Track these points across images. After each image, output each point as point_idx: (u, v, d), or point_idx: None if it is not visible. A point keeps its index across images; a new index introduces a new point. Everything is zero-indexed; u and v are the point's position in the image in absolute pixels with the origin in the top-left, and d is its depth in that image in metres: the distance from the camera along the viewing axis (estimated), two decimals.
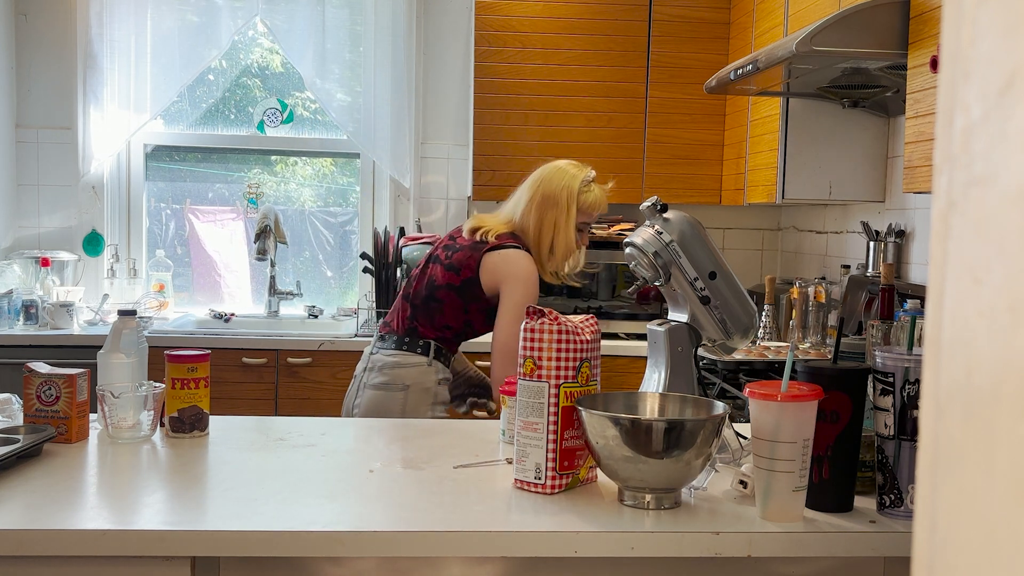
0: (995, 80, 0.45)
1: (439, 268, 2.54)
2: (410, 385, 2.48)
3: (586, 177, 2.51)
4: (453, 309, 2.49)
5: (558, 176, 2.50)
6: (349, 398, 2.59)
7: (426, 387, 2.48)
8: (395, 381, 2.49)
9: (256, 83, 4.33)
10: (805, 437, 1.44)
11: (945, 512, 0.48)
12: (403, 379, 2.49)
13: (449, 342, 2.55)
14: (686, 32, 3.91)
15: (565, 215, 2.47)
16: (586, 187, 2.50)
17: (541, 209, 2.48)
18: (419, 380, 2.48)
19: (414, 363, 2.49)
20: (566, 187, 2.48)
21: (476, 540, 1.40)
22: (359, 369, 2.60)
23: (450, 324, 2.51)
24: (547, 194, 2.48)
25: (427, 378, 2.49)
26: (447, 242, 2.59)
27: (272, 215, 4.06)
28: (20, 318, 3.73)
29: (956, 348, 0.48)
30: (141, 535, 1.36)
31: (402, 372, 2.49)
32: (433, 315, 2.51)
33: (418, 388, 2.48)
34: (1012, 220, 0.44)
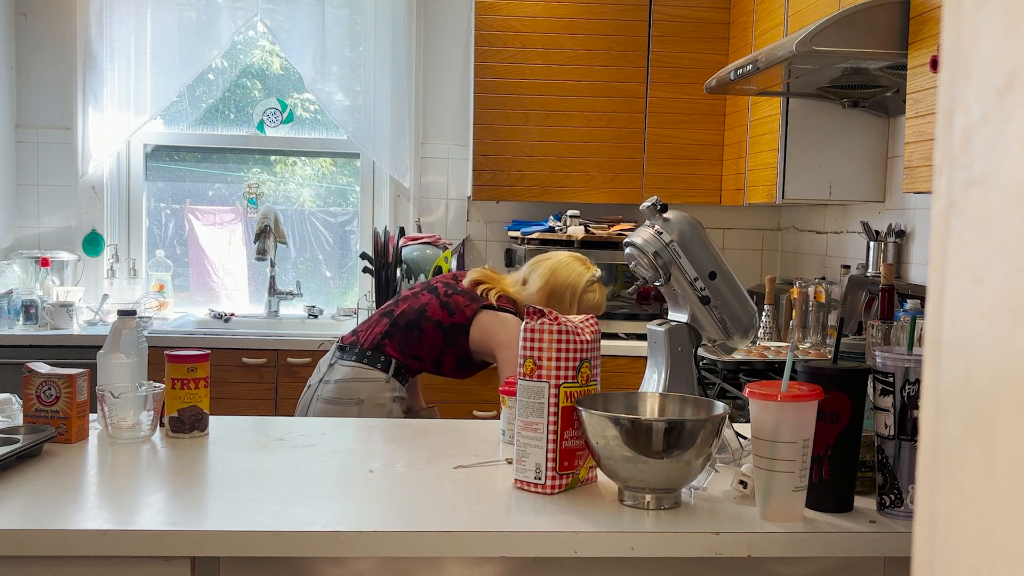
0: (995, 80, 0.45)
1: (435, 301, 2.57)
2: (364, 400, 2.49)
3: (592, 277, 2.58)
4: (431, 343, 2.53)
5: (565, 272, 2.57)
6: (301, 406, 2.60)
7: (380, 403, 2.49)
8: (349, 395, 2.51)
9: (256, 84, 4.33)
10: (805, 437, 1.44)
11: (945, 512, 0.48)
12: (358, 393, 2.50)
13: (411, 371, 2.57)
14: (686, 32, 3.91)
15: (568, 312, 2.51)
16: (590, 288, 2.57)
17: (548, 301, 2.54)
18: (374, 395, 2.49)
19: (372, 378, 2.51)
20: (571, 285, 2.55)
21: (476, 540, 1.39)
22: (313, 379, 2.61)
23: (421, 356, 2.54)
24: (554, 289, 2.55)
25: (382, 394, 2.50)
26: (449, 280, 2.64)
27: (272, 215, 4.06)
28: (20, 318, 3.73)
29: (956, 348, 0.48)
30: (141, 535, 1.36)
31: (357, 386, 2.51)
32: (409, 341, 2.54)
33: (372, 403, 2.49)
34: (1012, 220, 0.44)
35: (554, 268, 2.58)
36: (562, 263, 2.59)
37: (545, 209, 4.16)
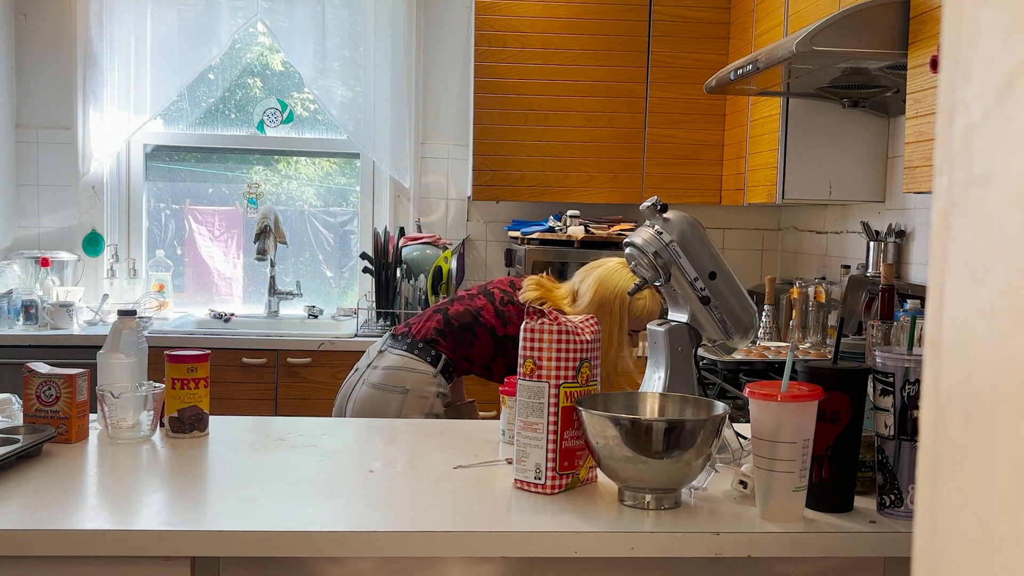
0: (995, 80, 0.45)
1: (491, 308, 2.55)
2: (410, 389, 2.48)
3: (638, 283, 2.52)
4: (483, 349, 2.52)
5: (613, 281, 2.48)
6: (345, 389, 2.59)
7: (424, 395, 2.48)
8: (396, 383, 2.49)
9: (256, 83, 4.33)
10: (805, 437, 1.44)
11: (945, 512, 0.48)
12: (404, 382, 2.49)
13: (460, 370, 2.56)
14: (686, 32, 3.91)
15: (618, 325, 2.46)
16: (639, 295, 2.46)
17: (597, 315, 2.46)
18: (419, 386, 2.48)
19: (420, 369, 2.50)
20: (620, 295, 2.47)
21: (476, 540, 1.39)
22: (362, 363, 2.60)
23: (472, 359, 2.53)
24: (603, 300, 2.46)
25: (428, 387, 2.49)
26: (506, 287, 2.61)
27: (272, 215, 4.06)
28: (20, 318, 3.73)
29: (956, 348, 0.48)
30: (141, 535, 1.36)
31: (405, 375, 2.49)
32: (462, 343, 2.53)
33: (416, 394, 2.48)
34: (1012, 220, 0.44)
35: (602, 278, 2.50)
36: (610, 270, 2.51)
37: (545, 209, 4.16)
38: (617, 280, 2.49)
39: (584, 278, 2.55)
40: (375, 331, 3.75)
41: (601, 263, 2.57)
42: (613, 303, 2.47)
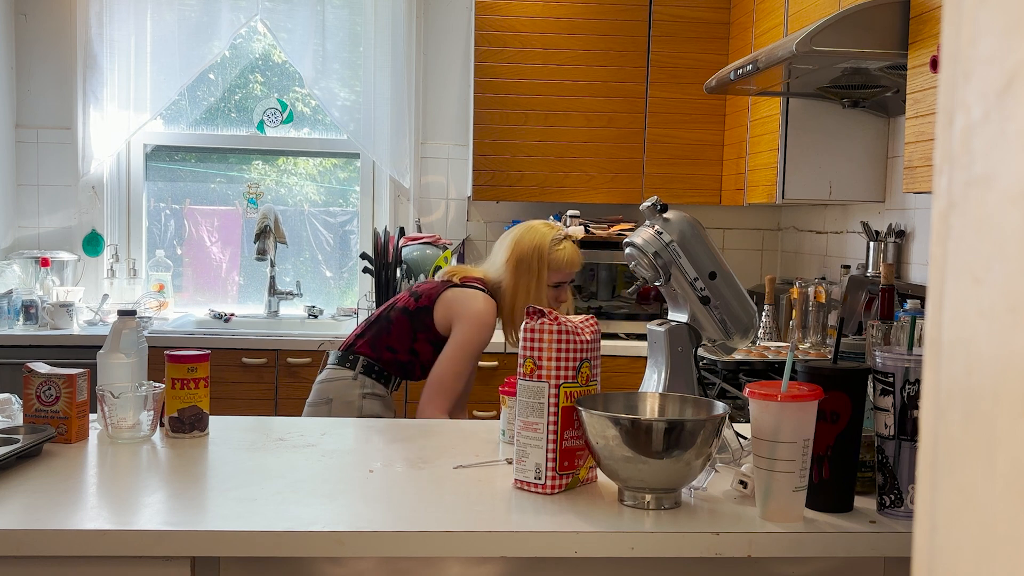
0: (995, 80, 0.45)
1: (405, 294, 2.57)
2: (333, 399, 2.48)
3: (556, 236, 2.52)
4: (400, 331, 2.50)
5: (529, 236, 2.51)
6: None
7: (348, 400, 2.47)
8: (322, 396, 2.51)
9: (256, 78, 4.33)
10: (805, 437, 1.44)
11: (945, 512, 0.48)
12: (327, 393, 2.50)
13: (389, 364, 2.51)
14: (686, 32, 3.91)
15: (536, 279, 2.48)
16: (557, 245, 2.50)
17: (515, 273, 2.49)
18: (342, 393, 2.47)
19: (340, 377, 2.50)
20: (536, 248, 2.48)
21: (476, 540, 1.40)
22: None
23: (393, 346, 2.50)
24: (520, 257, 2.48)
25: (350, 391, 2.48)
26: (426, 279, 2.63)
27: (272, 215, 4.06)
28: (20, 318, 3.73)
29: (956, 348, 0.48)
30: (141, 535, 1.36)
31: (327, 387, 2.51)
32: (380, 334, 2.52)
33: (340, 402, 2.47)
34: (1012, 220, 0.44)
35: (517, 236, 2.52)
36: (526, 227, 2.54)
37: (545, 209, 4.16)
38: (533, 235, 2.51)
39: (500, 242, 2.58)
40: None
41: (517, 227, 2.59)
42: (531, 257, 2.48)
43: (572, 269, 2.54)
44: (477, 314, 2.44)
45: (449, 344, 2.45)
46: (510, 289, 2.50)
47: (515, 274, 2.49)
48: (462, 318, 2.45)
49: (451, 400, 2.44)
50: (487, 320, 2.45)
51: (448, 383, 2.43)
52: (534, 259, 2.48)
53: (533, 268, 2.48)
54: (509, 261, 2.49)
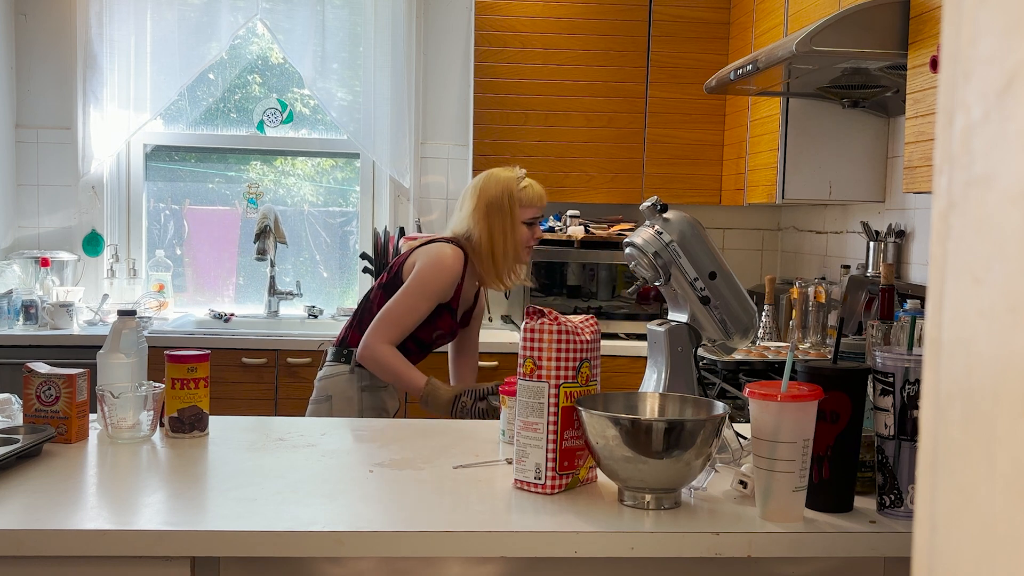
0: (995, 80, 0.45)
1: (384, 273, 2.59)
2: (332, 395, 2.49)
3: (519, 176, 2.54)
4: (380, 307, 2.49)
5: (494, 182, 2.52)
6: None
7: (348, 396, 2.48)
8: (322, 393, 2.52)
9: (256, 79, 4.33)
10: (805, 437, 1.44)
11: (945, 512, 0.48)
12: (327, 390, 2.51)
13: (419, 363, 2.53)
14: (686, 32, 3.91)
15: (510, 218, 2.49)
16: (522, 183, 2.52)
17: (487, 218, 2.49)
18: (341, 390, 2.49)
19: (337, 372, 2.51)
20: (505, 190, 2.50)
21: (476, 540, 1.39)
22: None
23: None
24: (489, 203, 2.49)
25: (349, 387, 2.49)
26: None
27: (272, 215, 4.06)
28: (20, 318, 3.73)
29: (956, 348, 0.48)
30: (141, 535, 1.36)
31: (327, 384, 2.52)
32: (363, 317, 2.53)
33: (341, 398, 2.48)
34: (1012, 220, 0.44)
35: (481, 184, 2.53)
36: (484, 176, 2.55)
37: (545, 209, 4.15)
38: (496, 179, 2.52)
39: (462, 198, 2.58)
40: None
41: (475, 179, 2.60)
42: (501, 198, 2.49)
43: (542, 204, 2.56)
44: (436, 255, 2.45)
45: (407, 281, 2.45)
46: (485, 235, 2.50)
47: (487, 219, 2.49)
48: (422, 260, 2.46)
49: (397, 335, 2.43)
50: (447, 262, 2.45)
51: (395, 315, 2.42)
52: (504, 200, 2.49)
53: (505, 208, 2.49)
54: (477, 209, 2.50)
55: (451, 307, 2.51)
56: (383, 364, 2.43)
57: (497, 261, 2.51)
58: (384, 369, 2.44)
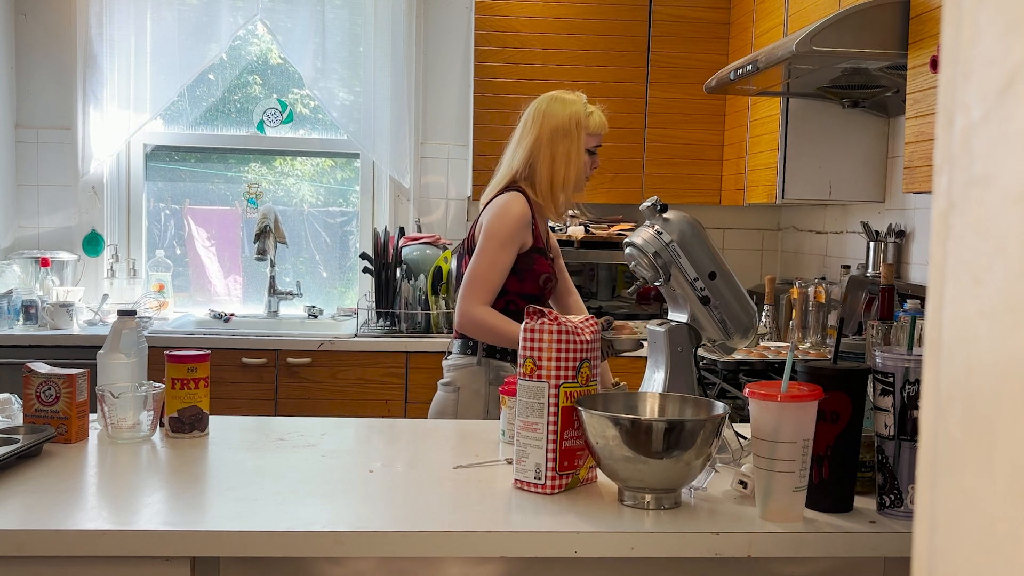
0: (995, 80, 0.45)
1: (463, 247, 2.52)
2: (460, 388, 2.40)
3: (585, 101, 2.47)
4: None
5: (559, 106, 2.43)
6: None
7: (475, 389, 2.39)
8: (452, 381, 2.43)
9: (256, 79, 4.33)
10: (805, 437, 1.44)
11: (945, 512, 0.48)
12: (456, 381, 2.41)
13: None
14: (686, 32, 3.91)
15: (575, 145, 2.41)
16: (589, 110, 2.45)
17: (552, 144, 2.41)
18: (468, 383, 2.39)
19: (464, 364, 2.41)
20: (573, 115, 2.41)
21: (476, 540, 1.40)
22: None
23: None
24: (555, 127, 2.41)
25: (476, 380, 2.38)
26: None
27: (272, 215, 4.06)
28: (20, 318, 3.73)
29: (956, 348, 0.48)
30: (141, 535, 1.36)
31: (456, 375, 2.42)
32: None
33: (468, 391, 2.39)
34: (1012, 220, 0.44)
35: (544, 109, 2.43)
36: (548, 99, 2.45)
37: None
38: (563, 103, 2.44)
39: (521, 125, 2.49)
40: (375, 331, 3.75)
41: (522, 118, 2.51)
42: (568, 123, 2.41)
43: (605, 132, 2.49)
44: (499, 205, 2.38)
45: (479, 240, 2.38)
46: (547, 162, 2.41)
47: (551, 145, 2.40)
48: (487, 216, 2.39)
49: (489, 292, 2.34)
50: (512, 207, 2.37)
51: (479, 273, 2.34)
52: (571, 125, 2.41)
53: (572, 133, 2.40)
54: (541, 135, 2.41)
55: (539, 248, 2.42)
56: (483, 325, 2.32)
57: (556, 188, 2.42)
58: (486, 330, 2.33)
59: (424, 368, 3.60)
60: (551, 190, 2.43)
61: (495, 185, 2.50)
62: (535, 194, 2.44)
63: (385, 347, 3.60)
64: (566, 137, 2.41)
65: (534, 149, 2.42)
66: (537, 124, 2.43)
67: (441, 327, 3.77)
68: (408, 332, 3.74)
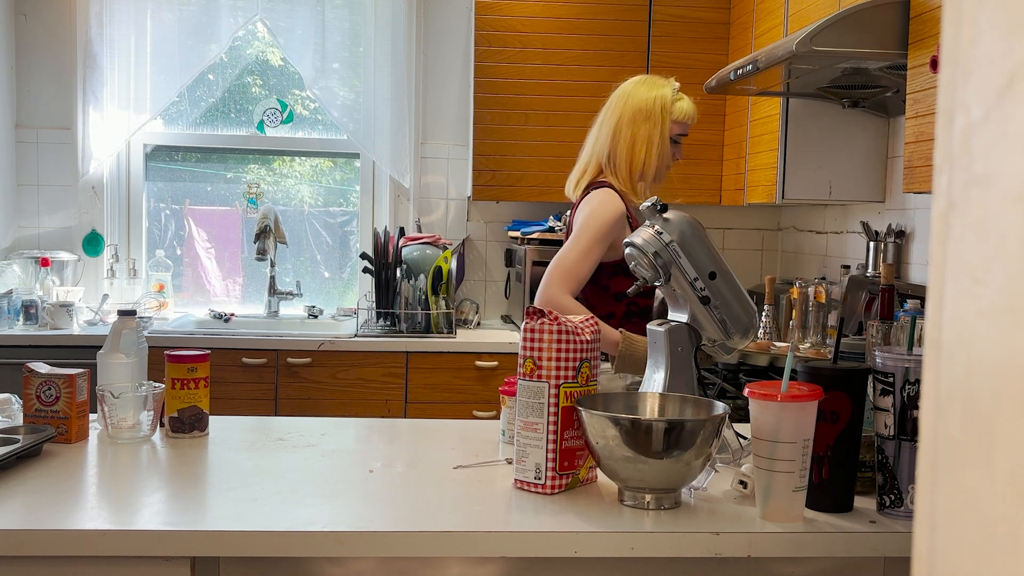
0: (995, 80, 0.45)
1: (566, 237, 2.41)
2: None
3: (675, 86, 2.37)
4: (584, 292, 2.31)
5: (645, 88, 2.34)
6: None
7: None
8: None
9: (256, 80, 4.33)
10: (805, 437, 1.44)
11: (945, 512, 0.48)
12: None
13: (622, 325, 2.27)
14: (686, 32, 3.91)
15: (659, 128, 2.32)
16: (678, 96, 2.36)
17: (633, 125, 2.32)
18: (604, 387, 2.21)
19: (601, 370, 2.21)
20: (659, 97, 2.33)
21: (476, 540, 1.40)
22: None
23: (593, 304, 2.31)
24: (638, 108, 2.32)
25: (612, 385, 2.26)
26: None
27: (272, 215, 4.06)
28: (20, 318, 3.73)
29: (956, 348, 0.48)
30: (141, 535, 1.36)
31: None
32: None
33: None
34: (1012, 220, 0.44)
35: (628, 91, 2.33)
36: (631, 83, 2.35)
37: (545, 209, 4.15)
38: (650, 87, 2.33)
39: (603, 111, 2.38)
40: (375, 331, 3.75)
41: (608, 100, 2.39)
42: (652, 106, 2.31)
43: (693, 122, 2.39)
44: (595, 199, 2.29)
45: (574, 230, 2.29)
46: (627, 145, 2.32)
47: (632, 126, 2.31)
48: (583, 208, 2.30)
49: (576, 282, 2.23)
50: (607, 201, 2.28)
51: (569, 262, 2.23)
52: (656, 108, 2.32)
53: (655, 116, 2.31)
54: (623, 119, 2.32)
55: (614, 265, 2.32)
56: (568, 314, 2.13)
57: (634, 174, 2.33)
58: None
59: (424, 368, 3.61)
60: (630, 175, 2.34)
61: (580, 171, 2.41)
62: (617, 180, 2.34)
63: (385, 347, 3.60)
64: (647, 120, 2.32)
65: (616, 131, 2.34)
66: (620, 105, 2.35)
67: (441, 327, 3.77)
68: (408, 332, 3.74)
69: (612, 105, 2.39)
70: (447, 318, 3.77)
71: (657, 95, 2.33)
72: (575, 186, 2.42)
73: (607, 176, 2.37)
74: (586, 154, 2.43)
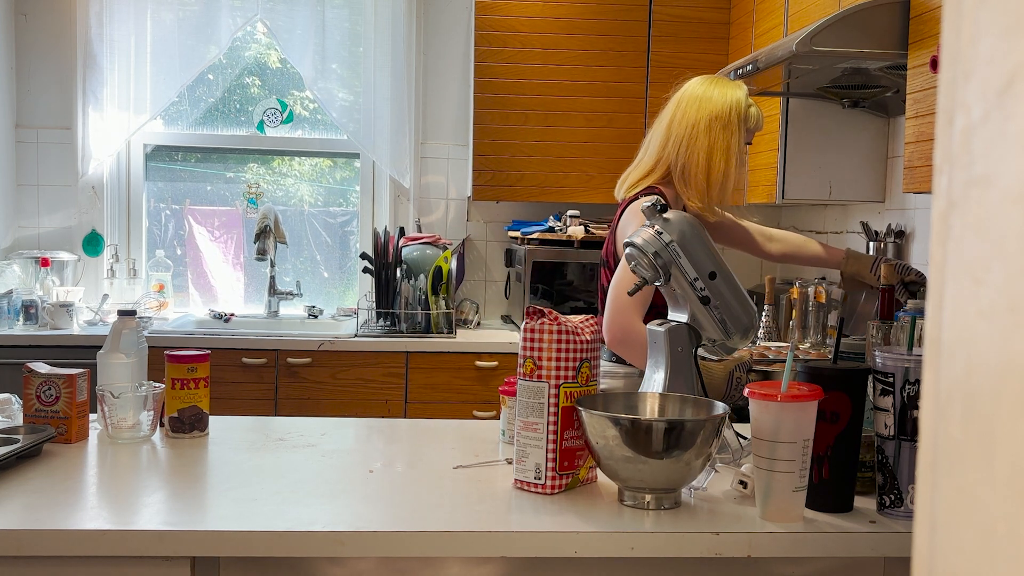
0: (995, 80, 0.45)
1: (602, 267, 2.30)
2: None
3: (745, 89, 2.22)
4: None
5: (720, 92, 2.17)
6: None
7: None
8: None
9: (255, 81, 4.33)
10: (805, 437, 1.44)
11: (945, 512, 0.48)
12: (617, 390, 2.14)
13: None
14: (686, 32, 3.91)
15: (737, 136, 2.15)
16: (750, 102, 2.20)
17: (710, 133, 2.13)
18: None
19: (627, 374, 2.17)
20: (735, 104, 2.15)
21: (476, 540, 1.40)
22: None
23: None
24: (715, 114, 2.13)
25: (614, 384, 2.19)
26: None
27: (272, 215, 4.06)
28: (20, 318, 3.73)
29: (956, 348, 0.48)
30: (141, 535, 1.36)
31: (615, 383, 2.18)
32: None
33: None
34: (1012, 220, 0.44)
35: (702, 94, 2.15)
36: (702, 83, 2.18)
37: (545, 209, 4.15)
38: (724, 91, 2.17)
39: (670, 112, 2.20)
40: (375, 331, 3.75)
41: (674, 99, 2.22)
42: (729, 113, 2.13)
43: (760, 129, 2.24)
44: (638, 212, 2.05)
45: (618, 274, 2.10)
46: (703, 153, 2.13)
47: (708, 134, 2.12)
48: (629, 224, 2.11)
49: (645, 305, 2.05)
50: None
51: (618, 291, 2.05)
52: (733, 115, 2.13)
53: (732, 124, 2.13)
54: (699, 121, 2.13)
55: None
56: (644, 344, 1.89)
57: (712, 185, 2.14)
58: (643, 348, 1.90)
59: (424, 368, 3.61)
60: (707, 186, 2.15)
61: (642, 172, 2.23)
62: (687, 188, 2.17)
63: (385, 347, 3.60)
64: (725, 128, 2.13)
65: (691, 137, 2.14)
66: (694, 107, 2.16)
67: (441, 327, 3.77)
68: (408, 332, 3.74)
69: (682, 106, 2.19)
70: (447, 318, 3.77)
71: (733, 100, 2.15)
72: (631, 186, 2.24)
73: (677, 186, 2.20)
74: (651, 157, 2.23)
